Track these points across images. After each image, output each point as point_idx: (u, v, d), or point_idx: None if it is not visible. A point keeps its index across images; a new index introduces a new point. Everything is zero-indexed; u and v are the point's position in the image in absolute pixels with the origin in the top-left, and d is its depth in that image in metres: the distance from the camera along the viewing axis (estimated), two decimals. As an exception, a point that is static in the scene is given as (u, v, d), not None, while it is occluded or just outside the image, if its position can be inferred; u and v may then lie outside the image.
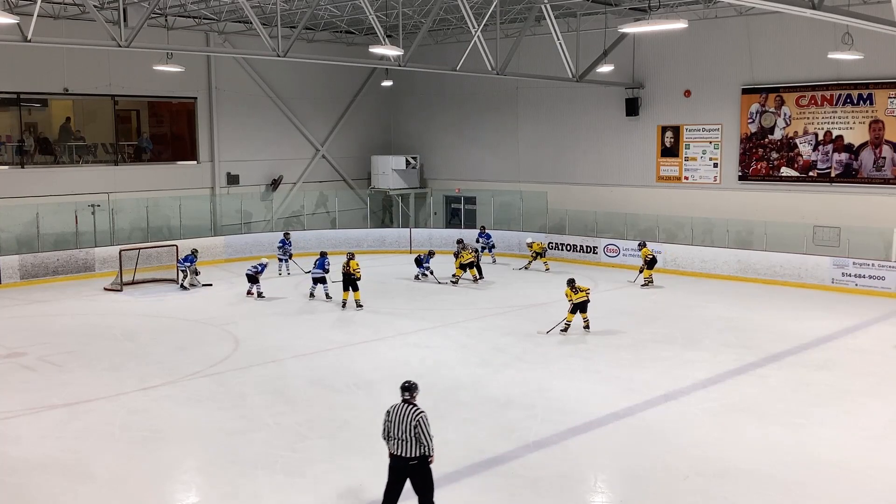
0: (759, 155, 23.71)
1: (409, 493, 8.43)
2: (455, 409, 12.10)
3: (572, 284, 16.46)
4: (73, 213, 23.55)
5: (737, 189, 24.16)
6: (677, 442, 10.79)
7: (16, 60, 22.30)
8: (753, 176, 23.85)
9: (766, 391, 13.00)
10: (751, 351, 15.20)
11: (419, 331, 16.93)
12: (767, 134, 23.53)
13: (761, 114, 23.55)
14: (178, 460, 10.38)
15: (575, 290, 16.34)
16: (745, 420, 11.62)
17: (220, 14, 24.60)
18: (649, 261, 21.50)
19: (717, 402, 12.37)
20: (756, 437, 10.96)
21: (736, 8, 22.49)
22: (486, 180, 29.42)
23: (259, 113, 28.50)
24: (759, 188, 23.72)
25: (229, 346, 15.70)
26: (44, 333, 16.61)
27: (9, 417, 11.75)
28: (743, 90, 23.77)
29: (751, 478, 9.71)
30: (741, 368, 14.15)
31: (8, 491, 9.38)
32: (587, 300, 16.37)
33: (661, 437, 10.98)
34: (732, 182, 24.26)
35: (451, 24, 26.47)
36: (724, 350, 15.28)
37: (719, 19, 23.51)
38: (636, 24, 17.34)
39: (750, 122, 23.76)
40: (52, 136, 25.15)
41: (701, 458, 10.27)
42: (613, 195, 26.30)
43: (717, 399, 12.55)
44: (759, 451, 10.50)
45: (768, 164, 23.59)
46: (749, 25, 23.28)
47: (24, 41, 14.92)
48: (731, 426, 11.39)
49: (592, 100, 26.58)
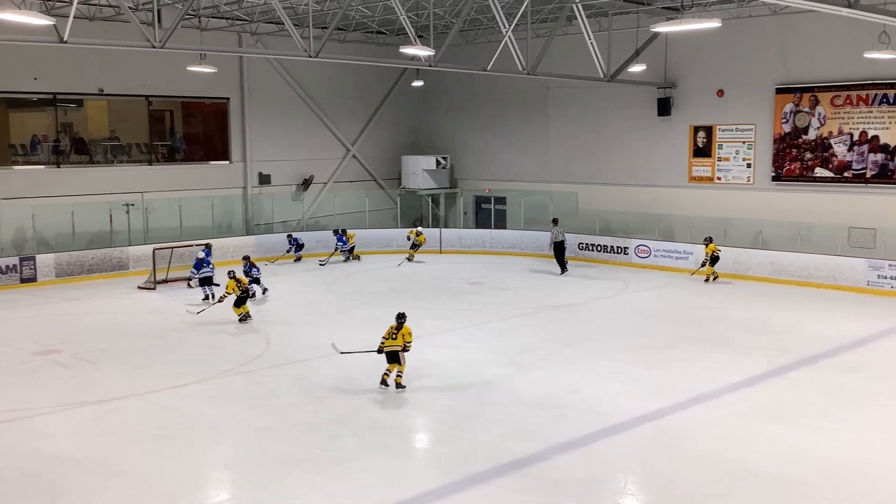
0: (793, 155, 23.43)
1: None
2: (483, 409, 12.09)
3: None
4: (107, 212, 23.87)
5: (770, 190, 23.89)
6: (706, 444, 10.69)
7: (52, 61, 22.64)
8: (787, 176, 23.57)
9: (796, 394, 12.84)
10: (782, 353, 15.02)
11: (448, 331, 16.95)
12: (801, 134, 23.24)
13: (795, 114, 23.27)
14: (208, 457, 10.48)
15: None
16: (774, 423, 11.49)
17: (253, 15, 24.80)
18: (714, 258, 21.75)
19: (747, 405, 12.25)
20: (786, 441, 10.84)
21: (770, 7, 22.24)
22: (517, 180, 29.35)
23: (290, 113, 28.70)
24: (792, 189, 23.43)
25: (261, 344, 15.82)
26: (78, 331, 16.85)
27: (43, 414, 11.94)
28: (777, 90, 23.49)
29: (779, 481, 9.60)
30: (772, 371, 14.00)
31: (41, 486, 9.53)
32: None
33: (689, 439, 10.89)
34: (766, 183, 24.00)
35: (481, 24, 26.45)
36: (754, 352, 15.12)
37: (753, 18, 23.26)
38: (668, 24, 17.21)
39: (784, 122, 23.48)
40: (88, 136, 25.52)
41: (730, 460, 10.17)
42: (644, 195, 26.12)
43: (746, 402, 12.43)
44: (789, 454, 10.39)
45: (802, 165, 23.29)
46: (783, 24, 23.01)
47: (60, 42, 15.11)
48: (761, 429, 11.27)
49: (624, 99, 26.42)
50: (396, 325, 12.84)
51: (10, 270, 21.43)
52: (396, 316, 12.92)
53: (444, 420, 11.92)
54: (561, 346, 15.60)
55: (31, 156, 24.31)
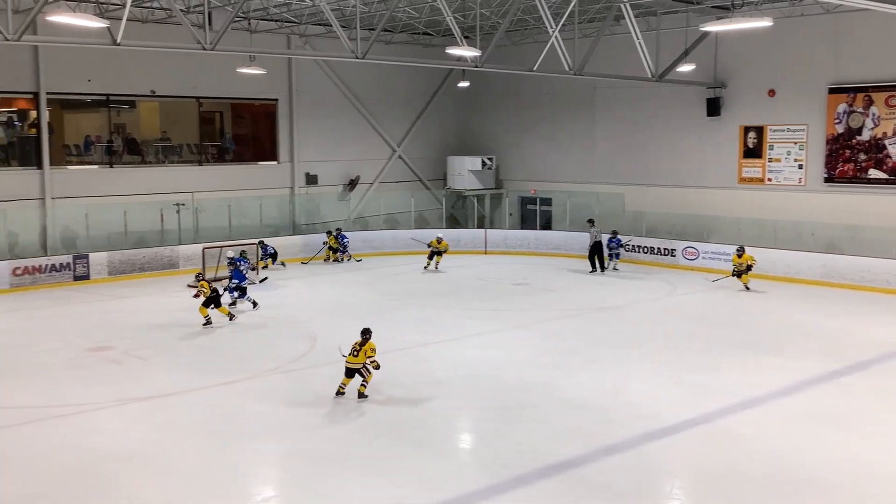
0: (847, 156, 22.95)
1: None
2: (527, 411, 12.05)
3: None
4: (158, 211, 24.29)
5: (823, 191, 23.43)
6: (755, 449, 10.52)
7: (106, 64, 23.11)
8: (840, 178, 23.10)
9: (848, 400, 12.58)
10: (834, 358, 14.72)
11: (492, 331, 16.92)
12: (855, 135, 22.76)
13: (849, 114, 22.79)
14: (255, 454, 10.59)
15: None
16: (825, 429, 11.27)
17: (302, 17, 25.04)
18: (747, 267, 21.06)
19: (797, 410, 12.03)
20: (836, 447, 10.63)
21: (822, 5, 21.83)
22: (562, 181, 29.20)
23: (337, 114, 28.92)
24: (846, 190, 22.94)
25: (306, 343, 15.96)
26: (129, 328, 17.16)
27: (95, 409, 12.18)
28: (829, 90, 23.04)
29: (829, 488, 9.41)
30: (823, 376, 13.73)
31: (92, 481, 9.72)
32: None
33: (738, 444, 10.73)
34: (818, 184, 23.54)
35: (528, 24, 26.37)
36: (806, 356, 14.84)
37: (805, 17, 22.84)
38: (719, 23, 17.01)
39: (837, 122, 23.02)
40: (140, 136, 26.00)
41: (778, 466, 10.00)
42: (693, 197, 25.80)
43: (797, 406, 12.21)
44: (839, 461, 10.18)
45: (856, 166, 22.81)
46: (836, 23, 22.55)
47: (113, 45, 15.39)
48: (811, 435, 11.06)
49: (672, 100, 26.13)
50: (361, 340, 12.32)
51: (64, 268, 21.91)
52: (361, 331, 12.42)
53: (488, 421, 11.90)
54: (607, 349, 15.47)
55: (85, 156, 24.86)
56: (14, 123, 23.94)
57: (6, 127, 23.67)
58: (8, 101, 23.67)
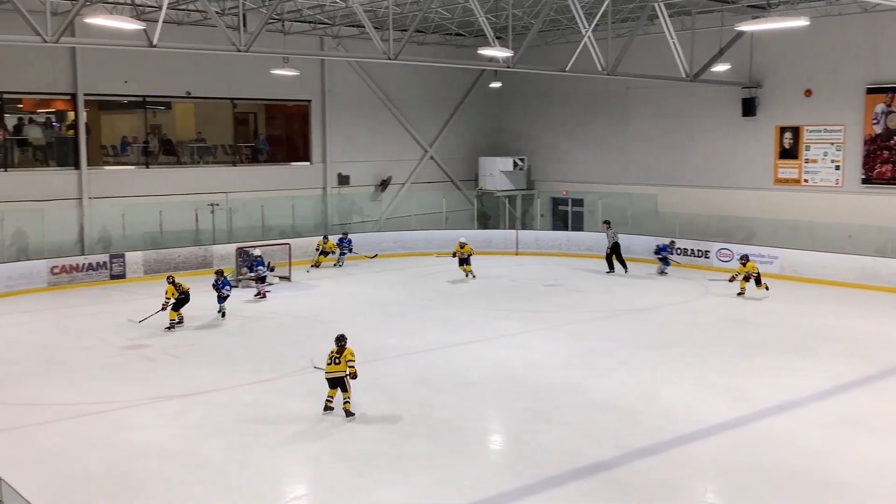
0: (885, 157, 22.59)
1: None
2: (557, 412, 12.02)
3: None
4: (193, 211, 24.57)
5: (860, 192, 23.08)
6: (788, 454, 10.40)
7: (142, 65, 23.39)
8: (878, 179, 22.74)
9: (885, 405, 12.39)
10: (871, 362, 14.50)
11: (522, 332, 16.89)
12: (893, 135, 22.39)
13: (887, 114, 22.43)
14: (286, 452, 10.68)
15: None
16: (861, 434, 11.11)
17: (335, 18, 25.18)
18: (746, 277, 20.07)
19: (833, 415, 11.87)
20: (872, 453, 10.47)
21: (860, 4, 21.50)
22: (595, 182, 29.05)
23: (369, 115, 29.03)
24: (884, 192, 22.58)
25: (337, 343, 16.02)
26: (164, 327, 17.34)
27: (130, 406, 12.36)
28: (867, 90, 22.69)
29: (866, 494, 9.28)
30: (859, 380, 13.53)
31: (126, 476, 9.86)
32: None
33: (771, 448, 10.61)
34: (855, 185, 23.19)
35: (560, 24, 26.28)
36: (841, 360, 14.63)
37: (842, 16, 22.52)
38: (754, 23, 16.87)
39: (874, 122, 22.67)
40: (175, 137, 26.31)
41: (814, 471, 9.88)
42: (727, 198, 25.53)
43: (832, 411, 12.05)
44: (875, 466, 10.03)
45: (894, 167, 22.43)
46: (874, 22, 22.20)
47: (149, 46, 15.59)
48: (847, 440, 10.91)
49: (707, 100, 25.90)
50: (337, 348, 11.72)
51: (101, 267, 22.24)
52: (336, 339, 11.81)
53: (519, 422, 11.89)
54: (638, 350, 15.37)
55: (122, 156, 25.21)
56: (52, 124, 24.36)
57: (45, 128, 24.08)
58: (46, 103, 24.08)
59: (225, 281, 18.29)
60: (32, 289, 20.98)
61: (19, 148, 23.39)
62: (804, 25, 15.71)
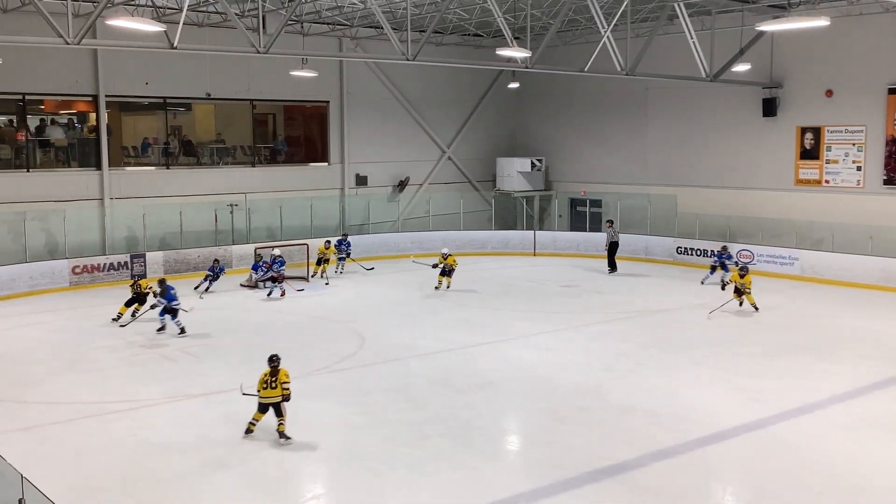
0: (907, 158, 22.39)
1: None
2: (576, 413, 11.99)
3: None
4: (212, 211, 24.69)
5: (881, 193, 22.86)
6: (809, 456, 10.33)
7: (163, 67, 23.56)
8: (900, 180, 22.55)
9: (908, 408, 12.28)
10: (891, 364, 14.36)
11: (541, 333, 16.87)
12: (916, 135, 22.19)
13: (910, 114, 22.23)
14: (305, 452, 10.71)
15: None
16: (882, 436, 11.02)
17: (353, 20, 25.24)
18: (746, 291, 18.39)
19: (854, 417, 11.77)
20: (892, 455, 10.37)
21: (882, 4, 21.31)
22: (613, 182, 28.96)
23: (387, 115, 29.08)
24: (906, 193, 22.40)
25: (355, 343, 16.08)
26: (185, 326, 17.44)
27: (150, 405, 12.44)
28: (889, 90, 22.46)
29: (887, 497, 9.19)
30: (881, 382, 13.41)
31: (146, 474, 9.93)
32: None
33: (792, 450, 10.54)
34: (877, 186, 22.99)
35: (579, 24, 26.21)
36: (862, 362, 14.51)
37: (863, 16, 22.32)
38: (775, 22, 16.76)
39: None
40: (195, 138, 26.47)
41: (834, 474, 9.81)
42: (747, 199, 25.36)
43: (853, 413, 11.95)
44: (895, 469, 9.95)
45: (917, 168, 22.23)
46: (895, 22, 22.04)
47: (170, 48, 15.67)
48: (867, 442, 10.82)
49: (727, 100, 25.75)
50: (270, 370, 10.88)
51: (122, 267, 22.40)
52: (269, 359, 10.95)
53: (536, 423, 11.88)
54: (658, 352, 15.31)
55: (142, 157, 25.40)
56: (74, 125, 24.57)
57: (67, 129, 24.30)
58: (68, 104, 24.29)
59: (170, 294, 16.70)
60: (55, 288, 21.18)
61: (41, 149, 23.62)
62: (825, 25, 15.59)
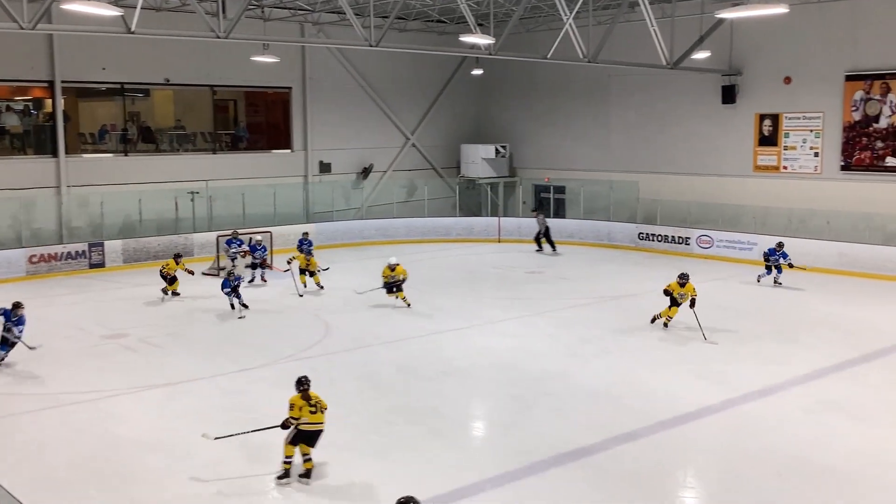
0: (863, 144, 22.78)
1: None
2: (543, 399, 12.06)
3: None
4: (173, 199, 24.36)
5: (839, 179, 23.26)
6: (771, 439, 10.51)
7: (120, 52, 23.14)
8: (857, 166, 22.93)
9: (865, 390, 12.53)
10: (851, 348, 14.65)
11: (507, 319, 16.93)
12: (872, 122, 22.57)
13: (866, 101, 22.60)
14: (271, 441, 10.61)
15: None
16: (842, 419, 11.24)
17: (315, 5, 25.00)
18: (691, 300, 15.58)
19: (814, 400, 11.99)
20: (853, 437, 10.60)
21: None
22: (576, 169, 29.11)
23: (351, 102, 28.89)
24: (862, 178, 22.77)
25: (320, 331, 16.01)
26: (145, 316, 17.26)
27: (113, 396, 12.27)
28: (846, 77, 22.84)
29: (846, 478, 9.40)
30: (840, 365, 13.67)
31: (111, 467, 9.80)
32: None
33: (754, 433, 10.72)
34: (834, 172, 23.38)
35: (542, 11, 26.25)
36: (822, 346, 14.78)
37: (822, 4, 22.64)
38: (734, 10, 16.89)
39: (853, 109, 22.83)
40: (154, 125, 26.07)
41: (795, 455, 9.98)
42: (707, 185, 25.66)
43: (813, 396, 12.17)
44: (856, 450, 10.15)
45: (872, 154, 22.63)
46: (855, 10, 22.33)
47: (127, 33, 15.39)
48: (828, 424, 11.03)
49: (687, 87, 25.98)
50: (301, 393, 9.53)
51: (80, 256, 22.04)
52: (298, 382, 9.56)
53: (502, 409, 11.94)
54: (622, 337, 15.45)
55: (100, 144, 24.96)
56: (30, 112, 24.07)
57: (22, 115, 23.79)
58: (23, 90, 23.78)
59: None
60: (11, 278, 20.75)
61: (-4, 136, 23.14)
62: (784, 13, 15.77)
